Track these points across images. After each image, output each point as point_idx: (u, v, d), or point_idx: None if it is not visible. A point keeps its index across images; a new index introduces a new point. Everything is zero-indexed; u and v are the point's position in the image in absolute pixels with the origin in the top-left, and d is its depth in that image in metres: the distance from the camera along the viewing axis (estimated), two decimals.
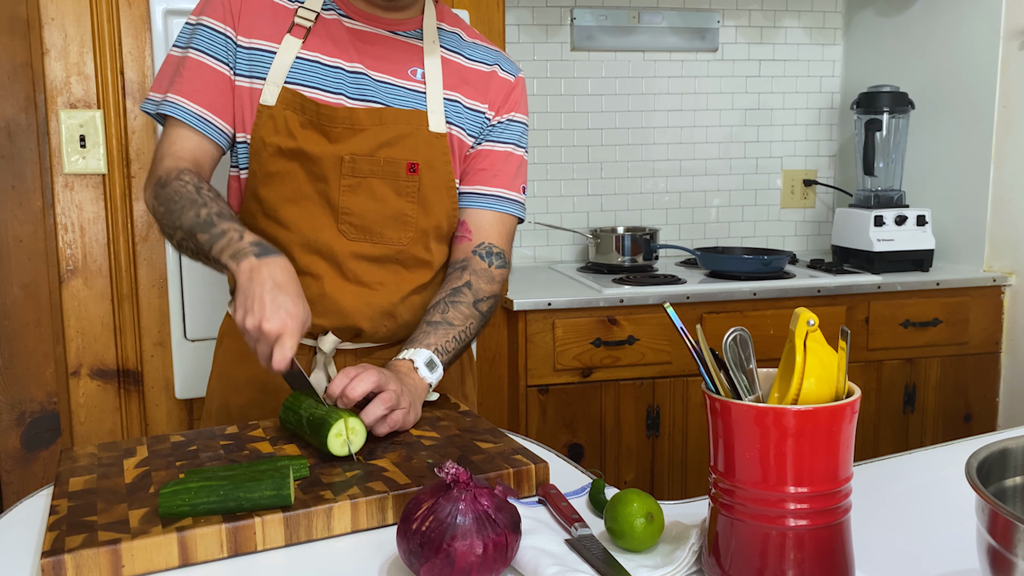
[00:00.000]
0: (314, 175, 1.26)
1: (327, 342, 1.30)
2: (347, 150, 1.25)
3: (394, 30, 1.32)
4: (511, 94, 1.39)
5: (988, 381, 2.55)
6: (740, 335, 0.80)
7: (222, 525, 0.87)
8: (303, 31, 1.27)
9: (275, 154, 1.25)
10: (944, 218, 2.66)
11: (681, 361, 2.34)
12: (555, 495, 0.98)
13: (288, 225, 1.27)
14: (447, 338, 1.25)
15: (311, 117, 1.25)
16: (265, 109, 1.25)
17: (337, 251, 1.28)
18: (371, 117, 1.26)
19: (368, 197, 1.27)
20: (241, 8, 1.27)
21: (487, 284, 1.34)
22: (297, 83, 1.25)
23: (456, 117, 1.33)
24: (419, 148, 1.28)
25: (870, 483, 1.06)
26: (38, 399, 2.02)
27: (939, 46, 2.65)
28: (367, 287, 1.30)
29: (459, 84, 1.34)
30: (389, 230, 1.29)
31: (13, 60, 1.93)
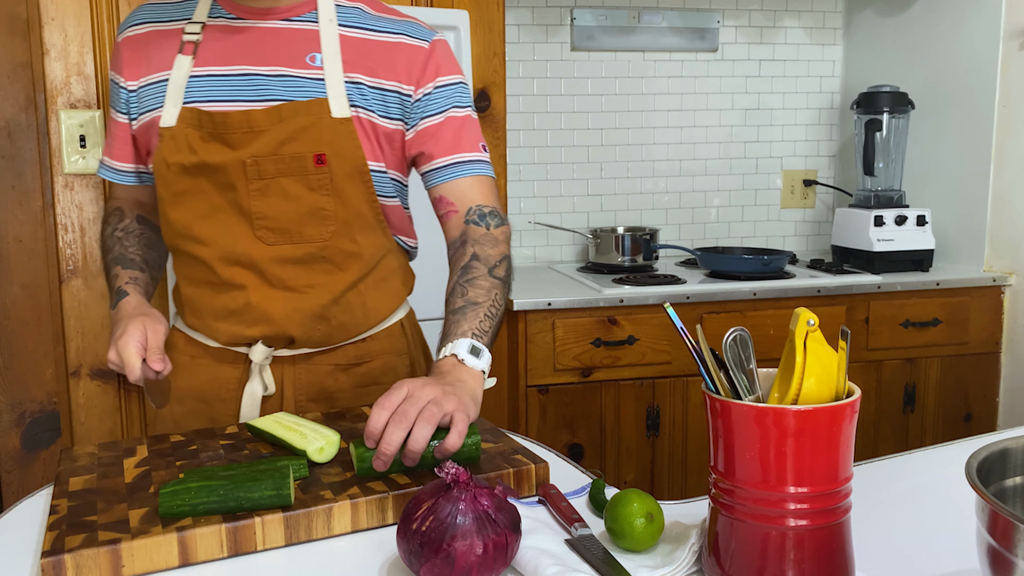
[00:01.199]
0: (222, 186, 1.23)
1: (257, 352, 1.28)
2: (248, 153, 1.21)
3: (286, 17, 1.26)
4: (429, 60, 1.29)
5: (988, 381, 2.55)
6: (740, 335, 0.80)
7: (222, 525, 0.87)
8: (192, 47, 1.25)
9: (180, 172, 1.23)
10: (944, 218, 2.66)
11: (681, 361, 2.34)
12: (555, 495, 0.98)
13: (205, 241, 1.25)
14: (479, 318, 1.18)
15: (210, 129, 1.22)
16: (166, 131, 1.23)
17: (258, 258, 1.25)
18: (269, 116, 1.22)
19: (280, 197, 1.23)
20: (127, 52, 1.29)
21: (493, 248, 1.28)
22: (195, 100, 1.23)
23: (361, 99, 1.25)
24: (323, 137, 1.22)
25: (870, 483, 1.06)
26: (38, 399, 2.02)
27: (939, 46, 2.65)
28: (295, 292, 1.27)
29: (362, 62, 1.26)
30: (308, 227, 1.25)
31: (13, 60, 1.93)
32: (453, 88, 1.31)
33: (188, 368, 1.34)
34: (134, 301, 1.24)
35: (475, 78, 2.22)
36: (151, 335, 1.17)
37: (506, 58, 2.33)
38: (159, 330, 1.18)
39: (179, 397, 1.34)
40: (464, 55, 2.17)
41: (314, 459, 1.03)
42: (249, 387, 1.29)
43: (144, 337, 1.16)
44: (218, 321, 1.28)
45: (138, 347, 1.14)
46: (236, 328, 1.28)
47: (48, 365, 2.01)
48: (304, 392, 1.32)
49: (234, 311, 1.27)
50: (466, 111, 1.32)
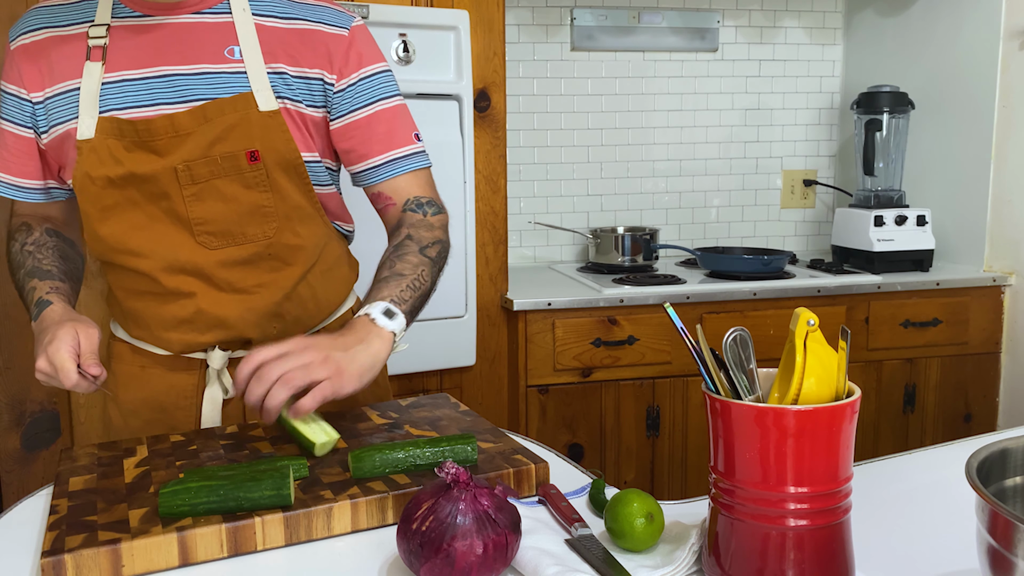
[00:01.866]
0: (154, 195, 1.19)
1: (215, 358, 1.26)
2: (179, 159, 1.17)
3: (198, 10, 1.20)
4: (351, 49, 1.24)
5: (988, 381, 2.55)
6: (740, 335, 0.80)
7: (222, 525, 0.87)
8: (100, 52, 1.19)
9: (106, 186, 1.18)
10: (944, 218, 2.66)
11: (681, 361, 2.34)
12: (555, 495, 0.98)
13: (143, 253, 1.21)
14: (400, 287, 1.17)
15: (134, 138, 1.17)
16: (85, 144, 1.17)
17: (203, 264, 1.21)
18: (194, 117, 1.17)
19: (217, 200, 1.19)
20: (27, 62, 1.21)
21: (427, 231, 1.26)
22: (111, 108, 1.17)
23: (286, 90, 1.21)
24: (254, 133, 1.18)
25: (870, 483, 1.06)
26: (38, 399, 2.02)
27: (939, 46, 2.65)
28: (246, 293, 1.24)
29: (281, 52, 1.21)
30: (250, 227, 1.21)
31: None
32: (378, 77, 1.27)
33: (139, 379, 1.30)
34: (60, 309, 1.17)
35: (475, 78, 2.22)
36: (84, 340, 1.10)
37: (506, 58, 2.33)
38: (93, 334, 1.12)
39: (133, 409, 1.31)
40: (464, 55, 2.17)
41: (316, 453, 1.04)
42: (209, 392, 1.27)
43: (76, 342, 1.09)
44: (167, 331, 1.25)
45: (71, 352, 1.08)
46: (188, 336, 1.24)
47: None
48: None
49: (184, 320, 1.23)
50: (394, 100, 1.29)
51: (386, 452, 0.99)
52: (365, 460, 0.99)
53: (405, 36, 2.11)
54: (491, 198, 2.28)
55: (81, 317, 1.15)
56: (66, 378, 1.07)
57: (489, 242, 2.30)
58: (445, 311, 2.21)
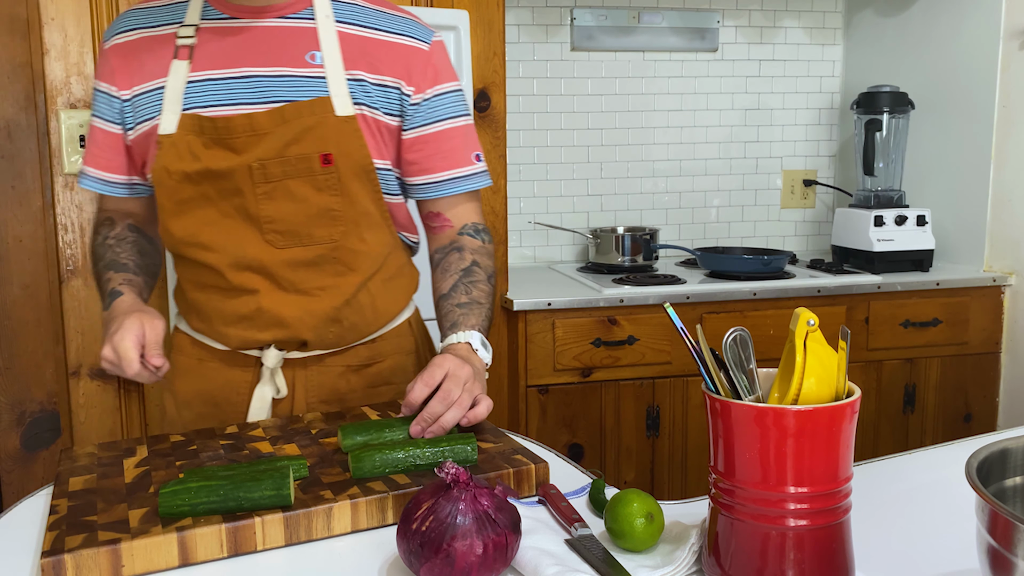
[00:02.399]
0: (228, 191, 1.22)
1: (270, 357, 1.27)
2: (254, 157, 1.20)
3: (283, 15, 1.24)
4: (428, 64, 1.27)
5: (988, 381, 2.55)
6: (740, 335, 0.80)
7: (222, 525, 0.87)
8: (187, 51, 1.23)
9: (182, 180, 1.21)
10: (944, 218, 2.66)
11: (681, 361, 2.34)
12: (555, 495, 0.98)
13: (213, 247, 1.24)
14: (482, 318, 1.23)
15: (213, 135, 1.20)
16: (166, 139, 1.21)
17: (268, 263, 1.24)
18: (272, 118, 1.20)
19: (287, 200, 1.22)
20: (118, 61, 1.26)
21: (488, 259, 1.32)
22: (195, 107, 1.21)
23: (364, 96, 1.24)
24: (329, 137, 1.21)
25: (870, 483, 1.06)
26: (38, 399, 2.02)
27: (939, 46, 2.65)
28: (307, 295, 1.26)
29: (361, 59, 1.24)
30: (318, 229, 1.24)
31: (13, 60, 1.93)
32: (449, 96, 1.30)
33: (195, 372, 1.33)
34: (129, 300, 1.21)
35: (475, 78, 2.22)
36: (149, 331, 1.14)
37: (506, 58, 2.33)
38: (157, 326, 1.15)
39: (187, 401, 1.34)
40: (464, 55, 2.17)
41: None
42: (259, 390, 1.29)
43: (142, 333, 1.13)
44: (228, 326, 1.28)
45: (135, 342, 1.12)
46: (247, 333, 1.27)
47: (48, 365, 2.01)
48: (316, 394, 1.32)
49: (245, 316, 1.26)
50: (461, 120, 1.31)
51: (386, 452, 0.99)
52: (365, 460, 0.99)
53: None
54: (491, 198, 2.28)
55: (148, 308, 1.20)
56: (128, 367, 1.12)
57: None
58: None
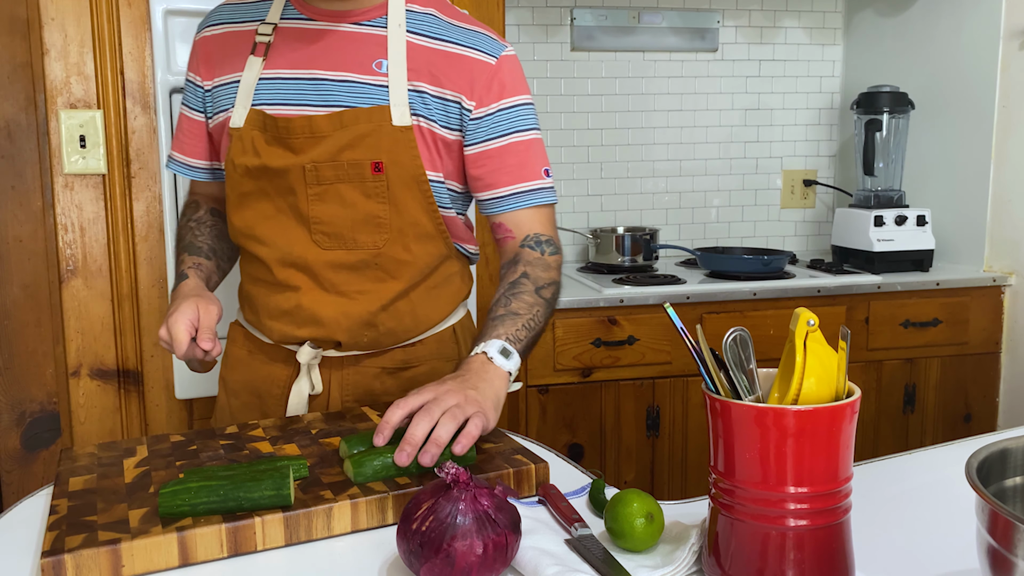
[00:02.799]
0: (283, 189, 1.25)
1: (304, 354, 1.30)
2: (309, 159, 1.23)
3: (358, 21, 1.26)
4: (494, 79, 1.27)
5: (988, 381, 2.55)
6: (740, 335, 0.80)
7: (222, 525, 0.87)
8: (264, 48, 1.27)
9: (244, 174, 1.26)
10: (944, 218, 2.66)
11: (681, 361, 2.34)
12: (555, 495, 0.98)
13: (265, 242, 1.28)
14: (516, 327, 1.20)
15: (274, 133, 1.24)
16: (235, 132, 1.26)
17: (312, 262, 1.27)
18: (331, 122, 1.23)
19: (336, 203, 1.25)
20: (204, 52, 1.32)
21: (544, 271, 1.28)
22: (262, 103, 1.25)
23: (423, 108, 1.24)
24: (383, 145, 1.23)
25: (870, 483, 1.06)
26: (38, 399, 2.02)
27: (939, 46, 2.65)
28: (346, 297, 1.28)
29: (427, 71, 1.25)
30: (362, 234, 1.26)
31: (13, 60, 1.93)
32: (517, 110, 1.29)
33: (244, 362, 1.38)
34: (192, 283, 1.26)
35: None
36: (203, 315, 1.17)
37: None
38: (212, 311, 1.19)
39: (235, 390, 1.39)
40: None
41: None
42: (296, 386, 1.32)
43: (196, 316, 1.17)
44: (271, 320, 1.31)
45: (188, 325, 1.15)
46: (287, 328, 1.30)
47: (48, 365, 2.01)
48: (351, 393, 1.34)
49: (286, 311, 1.29)
50: (529, 134, 1.31)
51: (386, 455, 0.99)
52: (366, 465, 0.98)
53: None
54: None
55: (207, 293, 1.24)
56: (178, 348, 1.15)
57: (489, 242, 2.30)
58: None
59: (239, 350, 1.39)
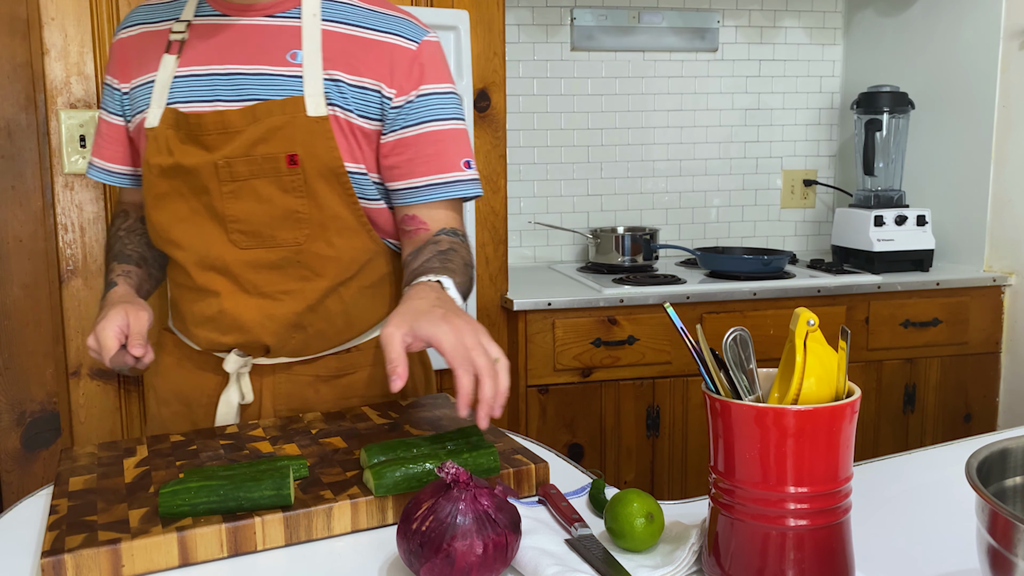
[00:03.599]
0: (197, 188, 1.21)
1: (230, 362, 1.26)
2: (221, 155, 1.19)
3: (271, 13, 1.23)
4: (413, 64, 1.22)
5: (988, 381, 2.55)
6: (740, 335, 0.80)
7: (222, 525, 0.87)
8: (178, 46, 1.24)
9: (159, 175, 1.22)
10: (944, 218, 2.66)
11: (681, 361, 2.34)
12: (555, 495, 0.98)
13: (182, 245, 1.24)
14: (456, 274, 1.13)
15: (187, 131, 1.20)
16: (150, 132, 1.23)
17: (231, 263, 1.23)
18: (244, 116, 1.19)
19: (252, 200, 1.20)
20: (121, 55, 1.30)
21: (468, 254, 1.24)
22: (176, 101, 1.22)
23: (339, 97, 1.20)
24: (297, 137, 1.18)
25: (870, 483, 1.06)
26: (38, 399, 2.02)
27: (939, 46, 2.65)
28: (269, 298, 1.24)
29: (343, 59, 1.20)
30: (282, 231, 1.21)
31: (13, 60, 1.93)
32: (437, 98, 1.24)
33: (174, 370, 1.33)
34: (121, 291, 1.23)
35: (475, 78, 2.22)
36: (133, 321, 1.14)
37: (506, 58, 2.33)
38: (142, 317, 1.16)
39: (165, 399, 1.34)
40: (464, 55, 2.17)
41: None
42: (225, 395, 1.27)
43: (125, 322, 1.14)
44: (196, 327, 1.27)
45: (117, 331, 1.12)
46: (212, 335, 1.26)
47: (48, 365, 2.01)
48: (283, 403, 1.29)
49: (210, 317, 1.25)
50: (449, 123, 1.25)
51: (409, 465, 0.95)
52: (386, 476, 0.94)
53: None
54: (491, 198, 2.28)
55: (137, 300, 1.21)
56: (106, 354, 1.12)
57: (489, 242, 2.30)
58: None
59: (168, 357, 1.35)
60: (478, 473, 0.97)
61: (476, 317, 2.27)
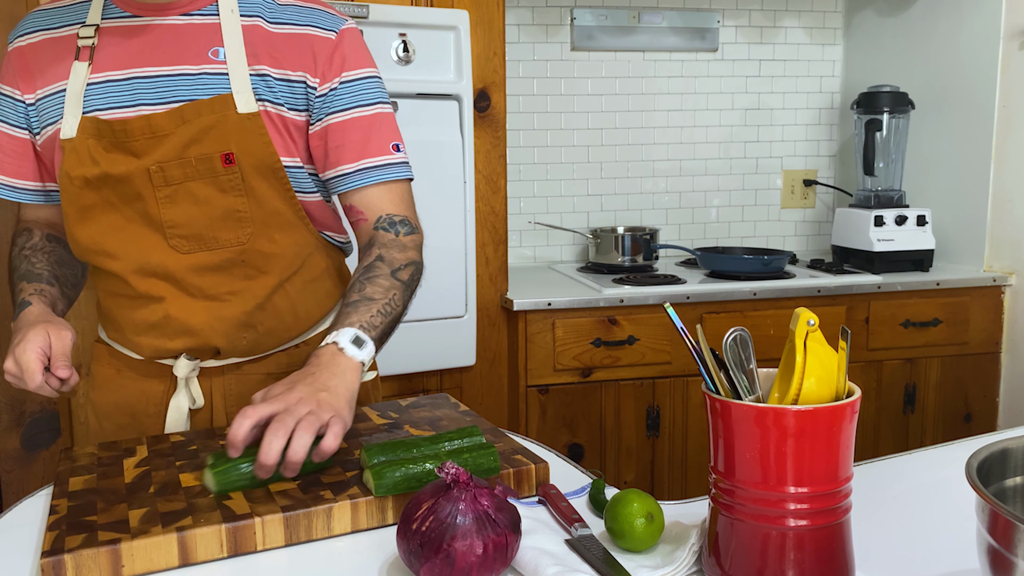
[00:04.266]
0: (129, 196, 1.17)
1: (181, 367, 1.23)
2: (153, 160, 1.15)
3: (187, 12, 1.19)
4: (335, 53, 1.21)
5: (988, 381, 2.55)
6: (740, 335, 0.80)
7: (222, 525, 0.88)
8: (88, 52, 1.18)
9: (83, 186, 1.17)
10: (944, 218, 2.66)
11: (681, 361, 2.34)
12: (555, 495, 0.98)
13: (116, 255, 1.20)
14: (371, 312, 1.13)
15: (112, 139, 1.16)
16: (67, 143, 1.17)
17: (173, 268, 1.19)
18: (172, 118, 1.15)
19: (190, 203, 1.17)
20: (20, 64, 1.22)
21: (400, 252, 1.21)
22: (95, 109, 1.17)
23: (268, 92, 1.18)
24: (230, 135, 1.15)
25: (870, 483, 1.06)
26: (38, 399, 2.02)
27: (939, 46, 2.65)
28: (216, 300, 1.21)
29: (267, 53, 1.19)
30: (223, 232, 1.19)
31: None
32: (360, 83, 1.23)
33: (114, 382, 1.30)
34: (37, 310, 1.16)
35: (475, 78, 2.22)
36: (55, 341, 1.09)
37: (506, 58, 2.33)
38: (65, 336, 1.11)
39: (107, 413, 1.31)
40: (464, 55, 2.17)
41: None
42: (175, 401, 1.25)
43: (47, 343, 1.09)
44: (138, 335, 1.24)
45: (40, 353, 1.07)
46: (157, 341, 1.23)
47: None
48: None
49: (154, 324, 1.22)
50: (375, 108, 1.24)
51: (408, 466, 0.95)
52: (386, 476, 0.94)
53: (405, 36, 2.12)
54: (491, 198, 2.28)
55: (56, 319, 1.15)
56: (31, 379, 1.07)
57: (489, 242, 2.30)
58: (445, 311, 2.21)
59: (106, 369, 1.30)
60: (478, 473, 0.97)
61: (476, 317, 2.27)
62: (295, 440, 0.94)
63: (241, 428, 0.95)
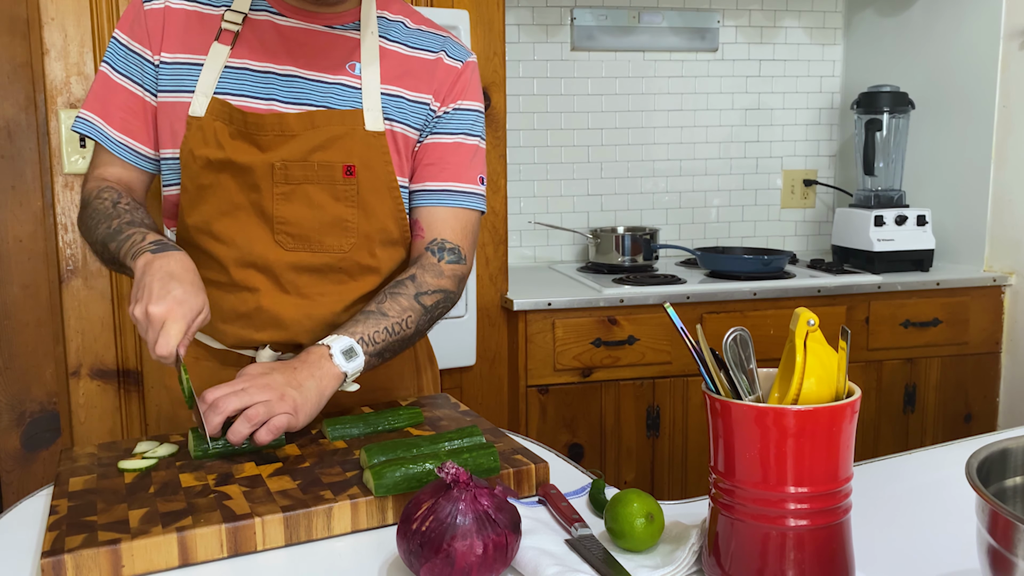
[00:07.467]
0: (246, 186, 1.21)
1: (264, 356, 1.26)
2: (278, 157, 1.19)
3: (331, 24, 1.25)
4: (458, 81, 1.30)
5: (988, 381, 2.55)
6: (740, 335, 0.80)
7: (222, 525, 0.88)
8: (231, 36, 1.22)
9: (204, 166, 1.20)
10: (944, 218, 2.66)
11: (681, 361, 2.34)
12: (555, 495, 0.98)
13: (223, 239, 1.22)
14: (376, 328, 1.17)
15: (239, 127, 1.19)
16: (194, 121, 1.20)
17: (274, 263, 1.22)
18: (303, 121, 1.20)
19: (304, 204, 1.21)
20: (161, 25, 1.22)
21: (433, 278, 1.26)
22: (226, 92, 1.20)
23: (398, 113, 1.25)
24: (355, 149, 1.21)
25: (870, 483, 1.06)
26: (38, 399, 2.02)
27: (939, 46, 2.65)
28: (307, 298, 1.24)
29: (401, 76, 1.26)
30: (329, 237, 1.23)
31: (13, 60, 1.93)
32: (470, 114, 1.32)
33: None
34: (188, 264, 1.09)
35: None
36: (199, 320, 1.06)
37: (506, 58, 2.33)
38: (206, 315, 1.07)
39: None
40: None
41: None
42: None
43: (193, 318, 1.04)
44: (225, 323, 1.26)
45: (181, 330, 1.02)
46: (244, 331, 1.25)
47: (48, 365, 2.01)
48: None
49: (244, 314, 1.24)
50: (475, 140, 1.33)
51: (408, 466, 0.95)
52: (386, 476, 0.94)
53: None
54: (491, 198, 2.28)
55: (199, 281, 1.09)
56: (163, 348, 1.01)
57: (489, 242, 2.30)
58: None
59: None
60: (478, 473, 0.97)
61: (476, 316, 2.27)
62: (235, 424, 1.03)
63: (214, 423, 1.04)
